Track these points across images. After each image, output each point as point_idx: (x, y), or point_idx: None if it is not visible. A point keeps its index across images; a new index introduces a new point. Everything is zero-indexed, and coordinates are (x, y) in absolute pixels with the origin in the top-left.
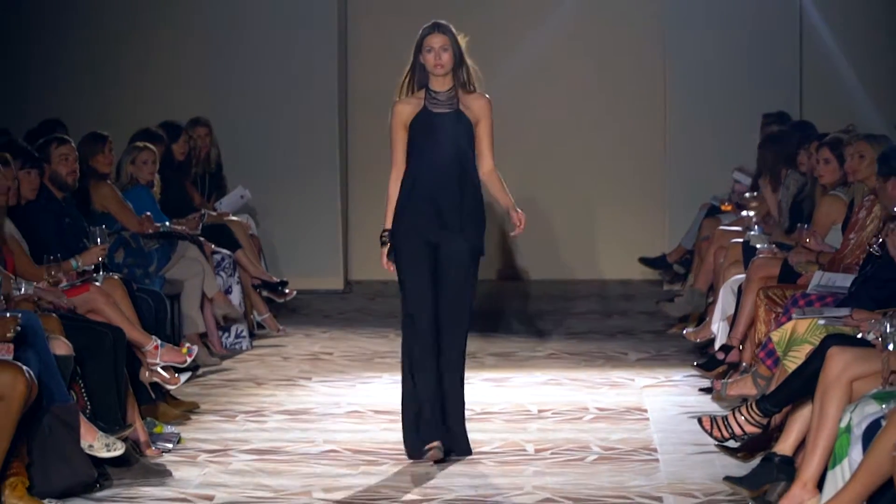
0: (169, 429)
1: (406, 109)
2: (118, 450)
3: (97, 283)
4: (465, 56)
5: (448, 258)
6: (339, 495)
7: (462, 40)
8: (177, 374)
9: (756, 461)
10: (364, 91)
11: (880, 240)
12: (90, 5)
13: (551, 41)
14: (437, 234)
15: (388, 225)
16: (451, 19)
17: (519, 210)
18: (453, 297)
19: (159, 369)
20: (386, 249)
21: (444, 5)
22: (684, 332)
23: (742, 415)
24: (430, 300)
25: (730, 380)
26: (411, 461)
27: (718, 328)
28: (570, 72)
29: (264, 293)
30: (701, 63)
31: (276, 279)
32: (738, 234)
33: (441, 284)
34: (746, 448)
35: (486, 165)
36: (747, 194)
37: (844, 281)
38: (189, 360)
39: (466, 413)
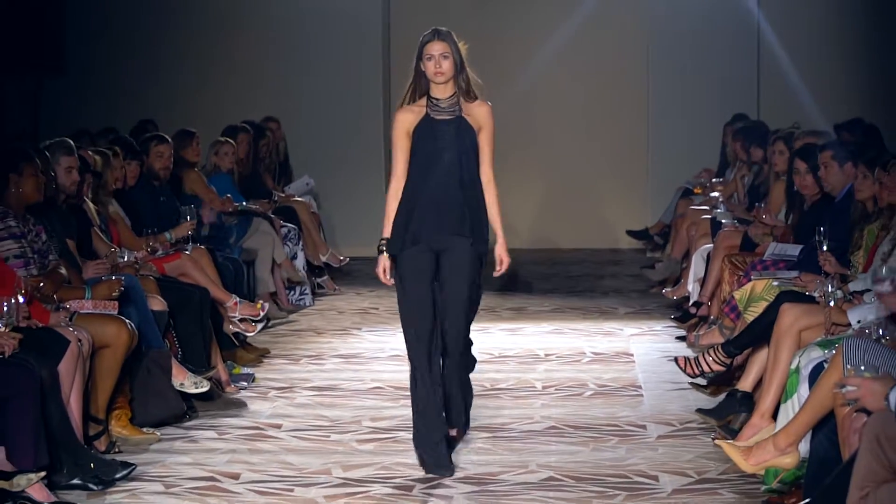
0: (245, 370)
1: (408, 118)
2: (204, 387)
3: (187, 252)
4: (465, 63)
5: (450, 264)
6: (383, 424)
7: (462, 47)
8: (253, 324)
9: (722, 396)
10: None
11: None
12: (182, 20)
13: (554, 48)
14: (439, 241)
15: (386, 234)
16: (476, 30)
17: (506, 253)
18: (453, 304)
19: (238, 321)
20: (383, 259)
21: (476, 17)
22: (663, 291)
23: (710, 356)
24: (430, 312)
25: (701, 332)
26: None
27: (691, 288)
28: (569, 80)
29: (324, 261)
30: (677, 75)
31: (325, 260)
32: (706, 211)
33: (443, 290)
34: (714, 384)
35: (483, 175)
36: (714, 179)
37: (794, 250)
38: (262, 313)
39: (485, 356)
